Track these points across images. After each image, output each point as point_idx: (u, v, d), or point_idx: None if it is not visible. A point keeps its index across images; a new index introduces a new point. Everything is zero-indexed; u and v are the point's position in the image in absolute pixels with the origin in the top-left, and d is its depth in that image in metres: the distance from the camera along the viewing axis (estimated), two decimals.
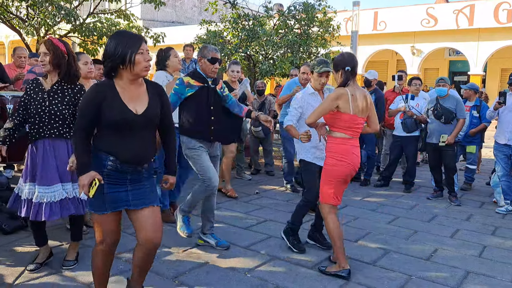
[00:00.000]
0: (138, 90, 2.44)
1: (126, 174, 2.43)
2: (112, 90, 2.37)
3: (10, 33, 18.76)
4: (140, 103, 2.42)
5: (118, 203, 2.44)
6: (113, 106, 2.34)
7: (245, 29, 9.08)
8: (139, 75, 2.40)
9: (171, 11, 25.34)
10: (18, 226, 4.01)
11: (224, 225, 4.53)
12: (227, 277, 3.33)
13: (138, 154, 2.42)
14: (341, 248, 3.41)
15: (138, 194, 2.47)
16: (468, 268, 3.66)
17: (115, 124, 2.35)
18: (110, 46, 2.34)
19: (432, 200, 5.91)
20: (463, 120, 5.80)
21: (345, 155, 3.38)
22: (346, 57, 3.46)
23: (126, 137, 2.38)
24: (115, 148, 2.38)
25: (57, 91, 3.17)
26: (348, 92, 3.34)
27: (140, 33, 11.99)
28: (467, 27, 16.23)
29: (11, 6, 10.59)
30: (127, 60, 2.32)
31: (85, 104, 2.38)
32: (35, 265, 3.26)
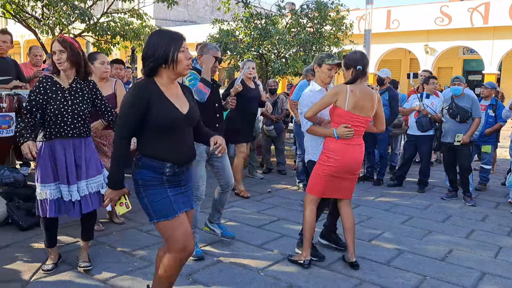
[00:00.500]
0: (177, 90, 2.39)
1: (181, 175, 2.40)
2: (157, 90, 2.27)
3: (25, 32, 18.97)
4: (183, 102, 2.37)
5: (181, 204, 2.39)
6: (162, 107, 2.25)
7: (257, 28, 9.07)
8: (181, 74, 2.34)
9: (183, 10, 25.43)
10: (35, 222, 4.04)
11: (237, 224, 4.54)
12: (241, 275, 3.33)
13: (188, 153, 2.39)
14: (309, 238, 3.53)
15: (187, 196, 2.46)
16: (484, 269, 3.62)
17: (166, 125, 2.26)
18: (151, 45, 2.25)
19: (447, 200, 5.85)
20: (479, 120, 5.73)
21: (335, 152, 3.39)
22: (358, 56, 3.45)
23: (176, 138, 2.32)
24: (169, 153, 2.29)
25: (76, 89, 3.15)
26: (348, 88, 3.35)
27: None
28: (482, 25, 16.02)
29: (26, 5, 10.72)
30: (169, 59, 2.24)
31: (129, 109, 2.24)
32: (52, 265, 3.24)
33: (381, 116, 3.57)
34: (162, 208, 2.30)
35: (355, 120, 3.39)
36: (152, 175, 2.29)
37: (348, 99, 3.33)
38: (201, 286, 3.13)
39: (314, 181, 3.54)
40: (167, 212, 2.30)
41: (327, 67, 3.65)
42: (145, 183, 2.31)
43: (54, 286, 3.02)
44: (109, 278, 3.16)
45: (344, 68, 3.51)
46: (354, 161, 3.46)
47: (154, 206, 2.31)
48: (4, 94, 4.51)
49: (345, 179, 3.51)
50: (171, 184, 2.35)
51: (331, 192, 3.56)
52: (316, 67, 3.72)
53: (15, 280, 3.07)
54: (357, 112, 3.38)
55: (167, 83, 2.32)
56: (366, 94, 3.41)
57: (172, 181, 2.35)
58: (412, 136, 6.33)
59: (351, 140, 3.41)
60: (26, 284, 3.03)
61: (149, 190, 2.31)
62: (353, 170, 3.50)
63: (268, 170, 7.31)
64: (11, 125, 4.55)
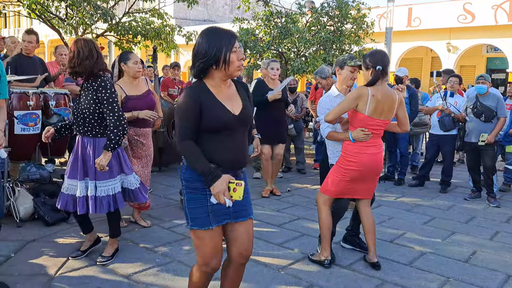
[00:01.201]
0: (230, 90, 2.28)
1: None
2: (207, 92, 2.18)
3: (49, 32, 19.36)
4: (235, 103, 2.25)
5: (222, 216, 2.23)
6: (211, 108, 2.16)
7: (277, 26, 9.06)
8: (233, 75, 2.21)
9: (203, 9, 25.56)
10: (60, 218, 4.15)
11: (257, 222, 4.55)
12: (261, 273, 3.35)
13: (237, 157, 2.24)
14: (327, 238, 3.51)
15: (238, 205, 2.26)
16: (509, 271, 3.55)
17: (215, 127, 2.17)
18: (202, 45, 2.13)
19: (470, 201, 5.75)
20: (504, 119, 5.62)
21: (354, 155, 3.34)
22: (378, 56, 3.38)
23: (226, 141, 2.20)
24: (215, 155, 2.17)
25: (84, 89, 3.26)
26: (369, 92, 3.27)
27: (173, 31, 12.21)
28: (506, 22, 15.63)
29: (51, 6, 10.94)
30: (221, 60, 2.12)
31: (187, 110, 2.14)
32: (76, 253, 3.40)
33: (404, 117, 3.49)
34: (197, 217, 2.20)
35: (374, 124, 3.33)
36: (196, 177, 2.18)
37: (369, 104, 3.27)
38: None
39: (331, 182, 3.49)
40: (202, 222, 2.20)
41: (349, 69, 3.60)
42: (187, 185, 2.23)
43: (79, 280, 3.09)
44: (132, 274, 3.22)
45: (364, 68, 3.45)
46: (374, 162, 3.40)
47: (190, 212, 2.22)
48: (31, 92, 4.62)
49: (366, 180, 3.47)
50: None
51: (349, 193, 3.53)
52: (338, 70, 3.66)
53: (41, 274, 3.15)
54: (377, 116, 3.32)
55: (218, 84, 2.21)
56: (387, 97, 3.34)
57: None
58: (434, 135, 6.24)
59: (368, 141, 3.36)
60: (51, 278, 3.10)
61: (189, 194, 2.23)
62: (375, 170, 3.45)
63: (287, 169, 7.30)
64: (37, 122, 4.65)
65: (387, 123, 3.42)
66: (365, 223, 3.58)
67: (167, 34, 11.95)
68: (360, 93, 3.29)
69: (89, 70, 3.17)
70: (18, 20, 26.58)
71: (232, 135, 2.22)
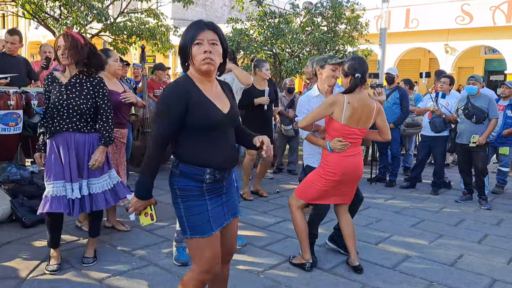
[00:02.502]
0: (215, 87, 2.15)
1: (223, 182, 2.15)
2: (194, 87, 2.04)
3: (47, 33, 19.30)
4: (223, 101, 2.14)
5: (220, 219, 2.14)
6: (201, 105, 2.02)
7: (271, 26, 8.99)
8: (201, 70, 2.03)
9: (201, 10, 25.51)
10: (38, 220, 4.05)
11: (241, 224, 4.46)
12: (240, 276, 3.26)
13: (230, 156, 2.15)
14: (305, 241, 3.42)
15: (229, 206, 2.22)
16: (495, 276, 3.46)
17: (207, 126, 2.03)
18: (180, 40, 2.06)
19: (461, 203, 5.66)
20: (496, 120, 5.53)
21: (333, 165, 3.25)
22: (356, 63, 3.26)
23: (217, 141, 2.08)
24: (209, 157, 2.05)
25: (75, 84, 3.13)
26: (345, 99, 3.17)
27: (168, 31, 12.13)
28: (505, 24, 15.55)
29: (45, 6, 10.88)
30: (187, 54, 2.02)
31: (167, 110, 2.00)
32: (57, 266, 3.18)
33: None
34: (198, 224, 2.06)
35: (352, 133, 3.23)
36: (191, 184, 2.05)
37: (344, 111, 3.16)
38: None
39: (308, 188, 3.38)
40: (203, 229, 2.06)
41: (330, 67, 3.50)
42: (184, 194, 2.07)
43: (49, 284, 3.00)
44: (105, 278, 3.13)
45: (342, 75, 3.35)
46: (353, 170, 3.30)
47: (190, 220, 2.07)
48: (12, 91, 4.53)
49: (346, 186, 3.36)
50: (212, 193, 2.11)
51: (326, 200, 3.42)
52: (319, 69, 3.57)
53: (11, 277, 3.06)
54: (354, 125, 3.20)
55: (202, 80, 2.08)
56: (364, 105, 3.23)
57: (213, 189, 2.11)
58: (426, 136, 6.15)
59: (346, 151, 3.25)
60: (22, 282, 3.01)
61: (187, 202, 2.07)
62: (355, 177, 3.35)
63: (278, 170, 7.22)
64: (18, 122, 4.57)
65: (364, 131, 3.31)
66: (345, 229, 3.48)
67: (162, 34, 11.87)
68: (335, 99, 3.20)
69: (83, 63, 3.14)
70: (16, 20, 26.55)
71: (223, 135, 2.11)
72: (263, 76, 5.40)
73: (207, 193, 2.09)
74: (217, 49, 2.04)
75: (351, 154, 3.28)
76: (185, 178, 2.05)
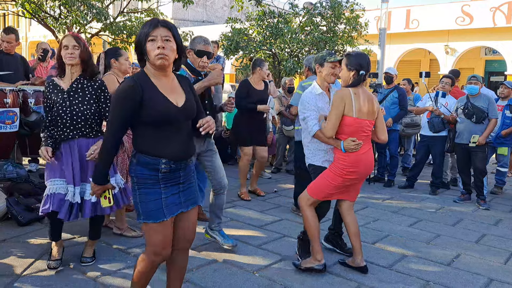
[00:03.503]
0: (172, 82, 2.26)
1: (179, 171, 2.26)
2: (148, 82, 2.16)
3: (47, 33, 19.30)
4: (178, 95, 2.24)
5: (175, 206, 2.26)
6: (154, 100, 2.13)
7: (270, 26, 8.99)
8: (156, 65, 2.14)
9: (201, 10, 25.53)
10: (34, 218, 4.05)
11: (238, 223, 4.46)
12: (235, 275, 3.24)
13: (186, 148, 2.26)
14: (317, 241, 3.32)
15: (188, 194, 2.32)
16: (492, 275, 3.44)
17: (160, 120, 2.15)
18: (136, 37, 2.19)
19: (459, 203, 5.64)
20: (495, 120, 5.51)
21: (353, 164, 3.21)
22: (363, 60, 3.24)
23: (172, 133, 2.19)
24: (164, 149, 2.17)
25: (76, 89, 3.07)
26: (351, 92, 3.17)
27: None
28: (505, 25, 15.54)
29: (45, 5, 10.88)
30: (142, 50, 2.14)
31: (121, 103, 2.12)
32: (56, 262, 3.16)
33: (382, 126, 3.37)
34: (151, 210, 2.19)
35: (364, 125, 3.20)
36: (147, 173, 2.18)
37: (354, 104, 3.15)
38: (192, 286, 3.05)
39: (324, 187, 3.30)
40: (156, 214, 2.20)
41: (329, 65, 3.47)
42: (140, 181, 2.20)
43: (43, 282, 2.98)
44: (99, 276, 3.11)
45: (345, 67, 3.29)
46: (369, 166, 3.31)
47: (143, 206, 2.21)
48: (8, 89, 4.52)
49: (357, 183, 3.38)
50: (167, 182, 2.22)
51: (338, 195, 3.40)
52: (318, 67, 3.54)
53: (5, 275, 3.04)
54: (364, 117, 3.20)
55: (157, 75, 2.19)
56: (368, 96, 3.25)
57: (169, 179, 2.22)
58: (424, 136, 6.14)
59: (362, 148, 3.22)
60: (16, 279, 2.99)
61: (142, 189, 2.20)
62: (365, 175, 3.35)
63: (277, 170, 7.21)
64: (15, 120, 4.56)
65: (373, 123, 3.30)
66: (351, 227, 3.40)
67: None
68: (342, 95, 3.17)
69: (91, 69, 3.13)
70: (16, 20, 26.58)
71: (177, 128, 2.21)
72: (263, 75, 5.40)
73: (162, 181, 2.21)
74: (171, 45, 2.15)
75: (366, 150, 3.27)
76: (142, 167, 2.18)
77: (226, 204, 4.87)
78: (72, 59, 3.02)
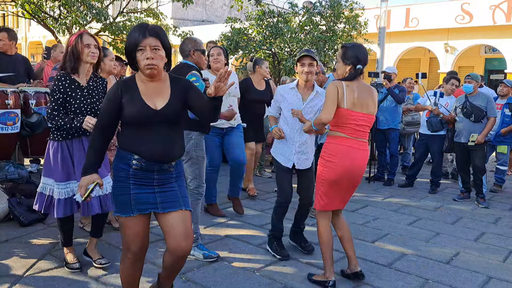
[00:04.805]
0: (161, 85, 2.31)
1: (153, 173, 2.29)
2: (132, 85, 2.27)
3: (47, 33, 19.34)
4: (161, 98, 2.28)
5: (145, 205, 2.30)
6: (132, 102, 2.24)
7: (269, 26, 9.00)
8: (145, 73, 2.25)
9: (201, 10, 25.52)
10: (36, 218, 4.08)
11: (238, 223, 4.48)
12: (236, 275, 3.27)
13: (162, 151, 2.27)
14: (328, 256, 3.14)
15: (167, 197, 2.33)
16: (491, 273, 3.47)
17: (135, 120, 2.24)
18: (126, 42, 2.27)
19: (459, 201, 5.66)
20: (494, 119, 5.53)
21: (336, 155, 3.03)
22: (361, 53, 3.07)
23: (149, 134, 2.25)
24: (138, 146, 2.25)
25: (92, 87, 3.18)
26: (343, 84, 3.00)
27: (168, 31, 12.14)
28: (505, 23, 15.54)
29: (44, 6, 10.90)
30: (133, 58, 2.22)
31: (106, 103, 2.29)
32: (77, 264, 3.20)
33: None
34: (120, 203, 2.30)
35: (358, 119, 3.01)
36: (121, 166, 2.28)
37: (346, 95, 2.98)
38: (193, 285, 3.07)
39: (316, 191, 3.20)
40: (124, 209, 2.29)
41: (299, 63, 3.47)
42: (114, 173, 2.33)
43: (45, 282, 3.01)
44: (101, 276, 3.14)
45: (340, 60, 3.11)
46: (356, 167, 3.07)
47: (115, 199, 2.32)
48: (9, 91, 4.54)
49: (344, 188, 3.14)
50: (138, 180, 2.28)
51: (338, 203, 3.20)
52: (296, 67, 3.57)
53: (8, 275, 3.07)
54: (358, 109, 3.01)
55: (146, 79, 2.29)
56: (364, 88, 3.09)
57: (140, 177, 2.28)
58: (423, 135, 6.16)
59: (354, 143, 3.04)
60: (18, 279, 3.02)
61: (115, 181, 2.31)
62: (354, 177, 3.12)
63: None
64: (16, 121, 4.59)
65: (371, 117, 3.11)
66: (344, 233, 3.26)
67: None
68: (335, 84, 3.01)
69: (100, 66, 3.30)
70: (16, 20, 26.60)
71: (153, 130, 2.26)
72: (263, 73, 5.42)
73: (133, 178, 2.28)
74: (160, 54, 2.23)
75: (359, 147, 3.08)
76: (118, 160, 2.31)
77: (226, 204, 4.93)
78: (94, 58, 3.11)
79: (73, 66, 3.08)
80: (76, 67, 3.09)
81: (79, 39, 3.05)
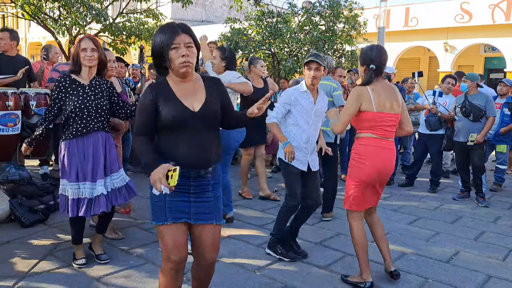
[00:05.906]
0: (194, 86, 2.24)
1: (189, 180, 2.21)
2: (166, 89, 2.18)
3: (46, 34, 19.33)
4: (196, 99, 2.20)
5: (179, 213, 2.21)
6: (169, 104, 2.15)
7: (269, 26, 9.02)
8: (179, 73, 2.15)
9: (201, 10, 25.53)
10: (37, 219, 4.10)
11: (239, 223, 4.50)
12: (236, 274, 3.29)
13: (198, 155, 2.19)
14: (364, 258, 3.15)
15: (201, 208, 2.24)
16: (490, 272, 3.48)
17: (172, 123, 2.15)
18: (152, 43, 2.16)
19: (458, 201, 5.68)
20: (493, 118, 5.55)
21: (367, 156, 3.04)
22: (373, 52, 3.07)
23: (185, 138, 2.17)
24: (174, 150, 2.17)
25: (96, 86, 3.24)
26: (368, 88, 3.03)
27: None
28: (504, 22, 15.56)
29: (44, 7, 10.91)
30: (165, 58, 2.12)
31: (142, 108, 2.19)
32: (85, 259, 3.32)
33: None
34: (156, 211, 2.21)
35: (387, 120, 3.03)
36: None
37: (373, 99, 3.00)
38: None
39: (350, 193, 3.17)
40: (160, 216, 2.20)
41: (306, 67, 3.50)
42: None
43: (47, 282, 3.03)
44: (103, 276, 3.16)
45: (359, 63, 3.19)
46: (388, 168, 3.10)
47: (151, 207, 2.24)
48: (10, 92, 4.56)
49: (375, 187, 3.18)
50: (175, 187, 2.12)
51: (370, 202, 3.25)
52: (304, 68, 3.58)
53: (10, 276, 3.09)
54: (387, 110, 3.03)
55: (178, 81, 2.20)
56: (388, 89, 3.10)
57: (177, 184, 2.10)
58: (422, 134, 6.19)
59: (385, 143, 3.06)
60: (20, 280, 3.04)
61: (151, 189, 2.19)
62: (385, 177, 3.15)
63: (277, 169, 7.24)
64: (17, 123, 4.60)
65: (397, 116, 3.10)
66: (378, 231, 3.32)
67: None
68: (358, 92, 3.04)
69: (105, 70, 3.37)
70: (16, 22, 26.59)
71: (192, 132, 2.18)
72: (258, 72, 5.45)
73: None
74: (193, 51, 2.16)
75: (388, 147, 3.09)
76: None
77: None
78: (91, 62, 3.18)
79: (75, 68, 3.22)
80: (77, 70, 3.23)
81: (79, 43, 3.17)
